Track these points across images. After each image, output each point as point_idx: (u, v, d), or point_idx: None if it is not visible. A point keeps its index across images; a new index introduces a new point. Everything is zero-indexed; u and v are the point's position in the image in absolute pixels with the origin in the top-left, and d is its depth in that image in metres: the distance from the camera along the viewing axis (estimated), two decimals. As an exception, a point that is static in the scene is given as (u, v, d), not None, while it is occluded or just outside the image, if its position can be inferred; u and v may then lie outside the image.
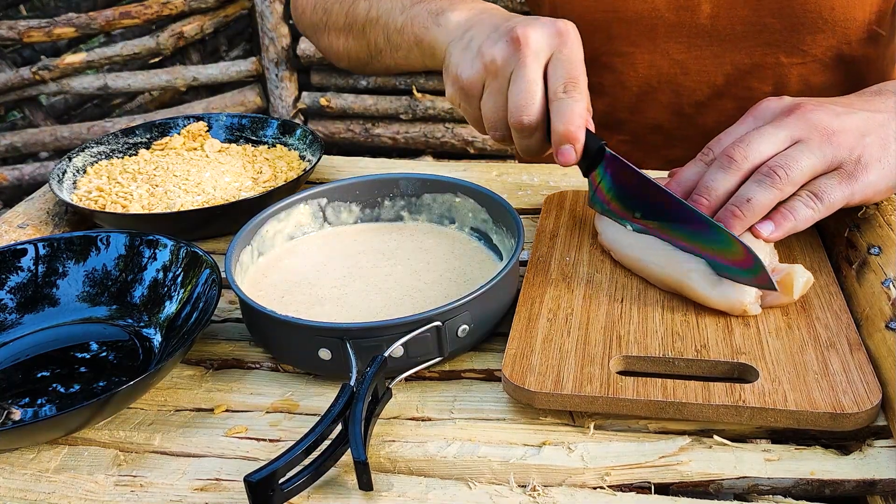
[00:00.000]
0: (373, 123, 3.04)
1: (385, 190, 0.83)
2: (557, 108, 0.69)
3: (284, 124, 1.05)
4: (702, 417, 0.58)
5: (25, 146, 3.08)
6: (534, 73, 0.70)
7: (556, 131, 0.69)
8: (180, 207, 0.87)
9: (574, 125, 0.68)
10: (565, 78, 0.69)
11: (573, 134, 0.68)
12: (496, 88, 0.72)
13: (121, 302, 0.75)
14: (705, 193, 0.69)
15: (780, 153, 0.68)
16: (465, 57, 0.73)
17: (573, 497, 0.54)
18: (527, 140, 0.72)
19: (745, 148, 0.68)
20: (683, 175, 0.73)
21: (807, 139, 0.68)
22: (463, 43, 0.74)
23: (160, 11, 2.89)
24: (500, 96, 0.72)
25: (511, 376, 0.61)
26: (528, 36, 0.69)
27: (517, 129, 0.71)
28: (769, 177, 0.67)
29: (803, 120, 0.69)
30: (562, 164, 0.70)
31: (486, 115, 0.74)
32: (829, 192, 0.68)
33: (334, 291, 0.73)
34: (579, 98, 0.69)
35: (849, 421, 0.56)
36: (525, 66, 0.69)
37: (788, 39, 0.94)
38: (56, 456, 0.61)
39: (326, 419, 0.55)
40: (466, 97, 0.75)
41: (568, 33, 0.71)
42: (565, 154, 0.69)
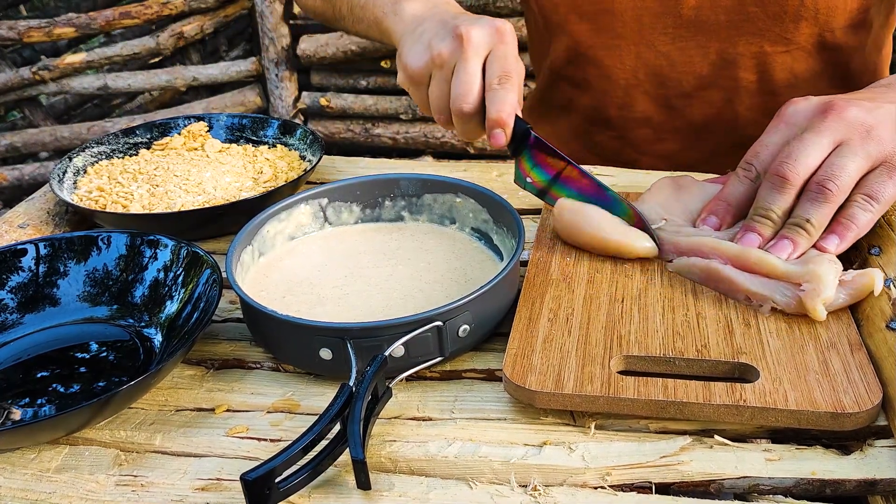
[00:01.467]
0: (373, 123, 3.04)
1: (386, 190, 0.83)
2: (491, 97, 0.77)
3: (285, 124, 1.05)
4: (703, 417, 0.58)
5: (25, 146, 3.08)
6: (473, 67, 0.78)
7: (490, 117, 0.77)
8: (181, 207, 0.87)
9: (505, 112, 0.76)
10: (500, 72, 0.77)
11: (504, 120, 0.76)
12: (441, 78, 0.80)
13: (122, 302, 0.75)
14: (765, 215, 0.70)
15: (826, 162, 0.68)
16: (415, 49, 0.82)
17: (574, 497, 0.54)
18: (466, 124, 0.80)
19: (795, 164, 0.69)
20: (728, 193, 0.74)
21: (847, 140, 0.68)
22: (415, 36, 0.83)
23: (160, 11, 2.89)
24: (445, 85, 0.80)
25: (512, 376, 0.61)
26: (469, 34, 0.77)
27: (458, 115, 0.79)
28: (821, 193, 0.68)
29: (840, 120, 0.69)
30: (493, 145, 0.78)
31: (432, 101, 0.82)
32: (882, 190, 0.68)
33: (335, 291, 0.73)
34: (511, 89, 0.77)
35: (849, 420, 0.56)
36: (466, 60, 0.78)
37: (772, 28, 0.95)
38: (57, 456, 0.61)
39: (324, 418, 0.55)
40: (415, 84, 0.83)
41: (505, 32, 0.79)
42: (497, 137, 0.77)
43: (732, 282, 0.68)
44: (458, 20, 0.80)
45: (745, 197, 0.73)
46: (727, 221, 0.74)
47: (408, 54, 0.82)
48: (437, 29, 0.81)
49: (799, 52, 0.97)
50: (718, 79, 1.00)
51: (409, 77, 0.83)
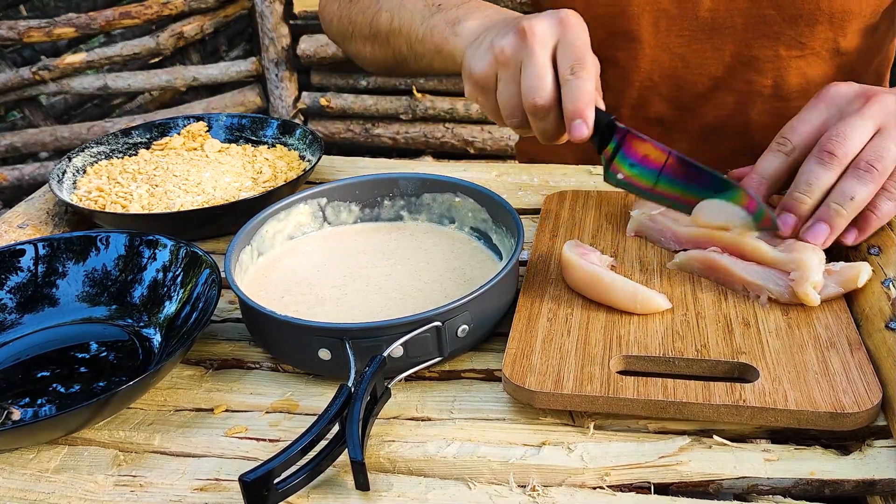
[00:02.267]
0: (373, 123, 3.04)
1: (385, 190, 0.83)
2: (567, 89, 0.72)
3: (284, 124, 1.05)
4: (702, 417, 0.58)
5: (25, 146, 3.09)
6: (542, 59, 0.73)
7: (567, 109, 0.72)
8: (180, 207, 0.87)
9: (583, 102, 0.71)
10: (572, 61, 0.73)
11: (582, 110, 0.71)
12: (509, 77, 0.75)
13: (120, 302, 0.75)
14: (807, 191, 0.71)
15: (871, 144, 0.70)
16: (477, 54, 0.78)
17: (573, 497, 0.54)
18: (542, 122, 0.75)
19: (844, 142, 0.70)
20: (762, 167, 0.75)
21: (886, 126, 0.70)
22: (476, 44, 0.79)
23: (160, 11, 2.89)
24: (514, 84, 0.75)
25: (511, 376, 0.61)
26: (533, 27, 0.73)
27: (532, 111, 0.74)
28: (869, 172, 0.68)
29: (881, 106, 0.71)
30: (575, 139, 0.72)
31: (503, 103, 0.77)
32: None
33: (334, 291, 0.73)
34: (587, 77, 0.72)
35: (849, 420, 0.56)
36: (533, 53, 0.73)
37: (787, 31, 0.95)
38: (56, 456, 0.61)
39: (323, 419, 0.55)
40: (482, 90, 0.78)
41: (570, 20, 0.75)
42: (577, 129, 0.72)
43: (729, 271, 0.69)
44: (518, 18, 0.77)
45: (779, 171, 0.74)
46: (761, 194, 0.74)
47: (470, 61, 0.78)
48: (499, 29, 0.77)
49: (813, 56, 0.97)
50: (733, 81, 1.00)
51: (475, 83, 0.78)
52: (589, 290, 0.69)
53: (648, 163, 0.74)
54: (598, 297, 0.68)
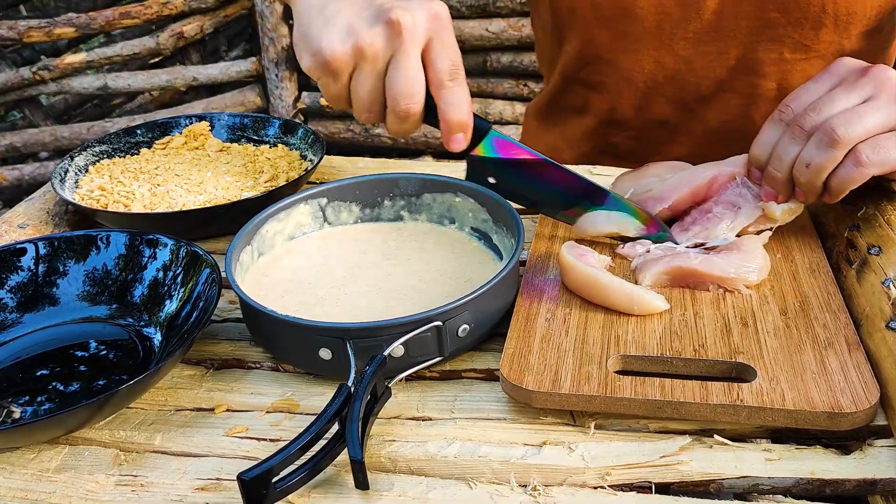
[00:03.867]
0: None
1: (385, 190, 0.83)
2: (446, 96, 0.69)
3: (286, 124, 1.05)
4: (700, 417, 0.58)
5: (25, 146, 3.08)
6: (416, 61, 0.69)
7: (450, 120, 0.70)
8: (182, 207, 0.87)
9: (465, 114, 0.70)
10: (449, 64, 0.69)
11: (465, 122, 0.70)
12: (372, 72, 0.70)
13: (121, 301, 0.76)
14: (776, 165, 0.72)
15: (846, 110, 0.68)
16: (330, 31, 0.69)
17: (574, 497, 0.54)
18: (405, 125, 0.72)
19: (816, 115, 0.69)
20: (764, 138, 0.75)
21: (876, 97, 0.69)
22: (325, 15, 0.70)
23: (160, 11, 2.89)
24: (376, 81, 0.70)
25: (509, 375, 0.61)
26: (406, 21, 0.67)
27: (401, 116, 0.70)
28: (829, 137, 0.67)
29: (875, 79, 0.70)
30: (453, 150, 0.71)
31: (358, 97, 0.71)
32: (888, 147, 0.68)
33: (335, 291, 0.73)
34: (463, 84, 0.70)
35: (846, 421, 0.56)
36: (406, 52, 0.68)
37: (792, 35, 0.95)
38: (56, 456, 0.61)
39: (322, 418, 0.55)
40: (332, 74, 0.71)
41: (443, 16, 0.70)
42: (458, 142, 0.71)
43: (699, 273, 0.69)
44: (382, 2, 0.70)
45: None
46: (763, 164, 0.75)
47: (320, 37, 0.69)
48: (358, 10, 0.69)
49: (818, 59, 0.97)
50: (737, 84, 1.00)
51: (325, 65, 0.69)
52: (586, 292, 0.69)
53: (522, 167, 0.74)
54: (596, 298, 0.68)
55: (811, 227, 0.79)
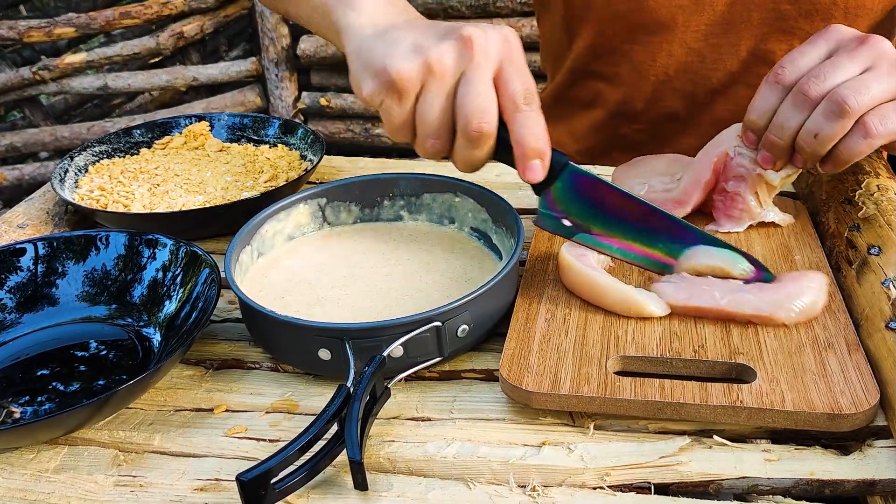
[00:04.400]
0: (373, 123, 3.04)
1: (385, 190, 0.83)
2: (522, 121, 0.64)
3: (286, 124, 1.05)
4: (699, 418, 0.58)
5: (25, 146, 3.09)
6: (489, 78, 0.64)
7: (525, 145, 0.65)
8: (182, 207, 0.87)
9: (542, 140, 0.65)
10: (523, 88, 0.64)
11: (542, 149, 0.65)
12: (441, 90, 0.64)
13: (120, 301, 0.75)
14: (779, 133, 0.71)
15: (853, 79, 0.68)
16: (394, 51, 0.64)
17: (573, 497, 0.54)
18: (477, 151, 0.66)
19: (821, 83, 0.68)
20: (759, 103, 0.73)
21: (876, 66, 0.68)
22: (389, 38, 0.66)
23: (160, 11, 2.90)
24: (446, 100, 0.64)
25: (508, 376, 0.61)
26: (478, 38, 0.63)
27: (472, 137, 0.64)
28: (839, 106, 0.66)
29: (875, 49, 0.69)
30: (528, 180, 0.66)
31: (425, 119, 0.65)
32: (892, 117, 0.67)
33: (334, 291, 0.73)
34: (538, 110, 0.65)
35: (846, 422, 0.56)
36: (479, 67, 0.63)
37: (803, 26, 0.96)
38: (56, 456, 0.61)
39: (321, 419, 0.55)
40: (398, 95, 0.65)
41: (513, 42, 0.66)
42: (535, 170, 0.65)
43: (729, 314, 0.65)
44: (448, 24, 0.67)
45: (775, 105, 0.72)
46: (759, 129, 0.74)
47: (384, 57, 0.64)
48: (424, 31, 0.66)
49: None
50: (747, 76, 1.01)
51: (389, 85, 0.64)
52: (585, 293, 0.69)
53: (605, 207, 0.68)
54: (594, 299, 0.68)
55: (811, 226, 0.79)
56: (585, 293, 0.68)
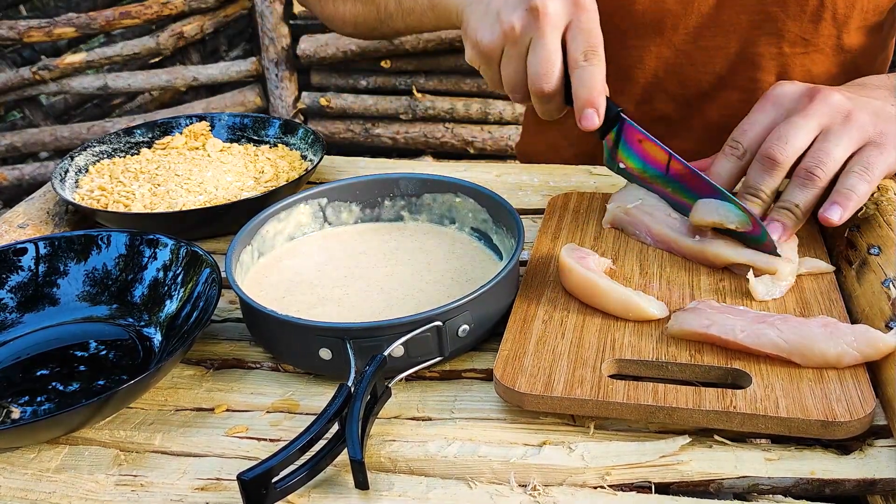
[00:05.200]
0: (373, 123, 3.04)
1: (385, 190, 0.83)
2: (579, 75, 0.73)
3: (286, 124, 1.05)
4: (692, 423, 0.58)
5: (25, 146, 3.08)
6: (552, 43, 0.73)
7: (580, 97, 0.73)
8: (182, 207, 0.87)
9: (596, 91, 0.72)
10: (585, 46, 0.73)
11: (595, 100, 0.72)
12: (515, 55, 0.75)
13: (121, 301, 0.76)
14: (755, 195, 0.73)
15: (813, 147, 0.72)
16: (484, 22, 0.76)
17: (574, 497, 0.54)
18: (546, 105, 0.77)
19: (785, 146, 0.72)
20: (716, 171, 0.76)
21: (830, 125, 0.72)
22: (482, 7, 0.77)
23: (160, 11, 2.89)
24: (520, 62, 0.75)
25: (502, 377, 0.60)
26: (546, 6, 0.72)
27: (537, 95, 0.75)
28: (809, 179, 0.71)
29: (825, 104, 0.72)
30: (584, 127, 0.73)
31: (506, 78, 0.77)
32: (876, 162, 0.71)
33: (336, 291, 0.73)
34: (599, 64, 0.73)
35: (840, 429, 0.55)
36: (544, 35, 0.72)
37: (791, 28, 0.96)
38: (56, 456, 0.61)
39: (322, 418, 0.55)
40: (486, 61, 0.78)
41: (583, 3, 0.74)
42: (589, 118, 0.73)
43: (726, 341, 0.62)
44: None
45: (733, 174, 0.76)
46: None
47: (475, 29, 0.77)
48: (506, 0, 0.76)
49: (817, 54, 0.98)
50: (737, 79, 1.01)
51: (480, 53, 0.78)
52: (584, 296, 0.69)
53: (650, 160, 0.77)
54: (593, 302, 0.68)
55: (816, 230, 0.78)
56: (584, 296, 0.68)
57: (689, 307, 0.66)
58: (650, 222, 0.77)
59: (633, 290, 0.67)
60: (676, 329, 0.64)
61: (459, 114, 2.94)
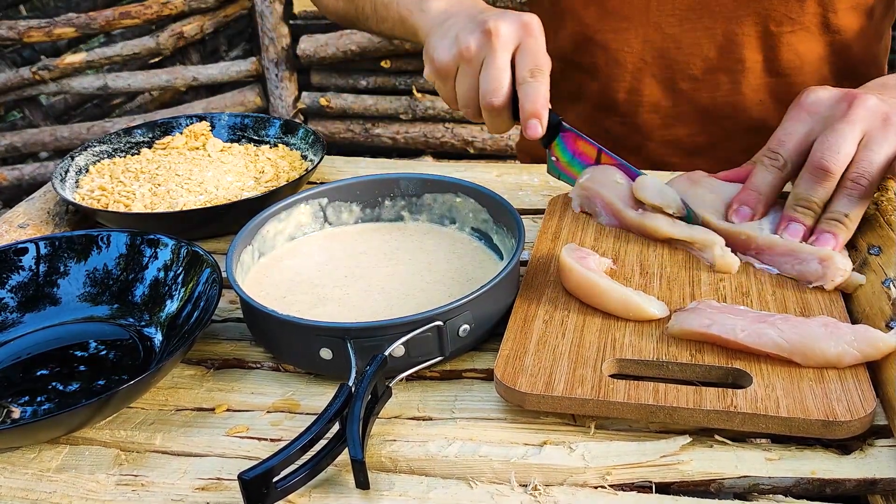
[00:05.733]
0: (373, 123, 3.04)
1: (386, 190, 0.83)
2: (525, 90, 0.78)
3: (287, 124, 1.05)
4: (693, 422, 0.58)
5: (25, 146, 3.08)
6: (502, 62, 0.79)
7: (525, 109, 0.78)
8: (183, 207, 0.87)
9: (539, 104, 0.78)
10: (532, 65, 0.79)
11: (539, 111, 0.78)
12: (468, 72, 0.81)
13: (122, 301, 0.76)
14: (808, 205, 0.73)
15: (857, 157, 0.71)
16: (442, 43, 0.83)
17: (574, 496, 0.54)
18: (496, 119, 0.82)
19: (837, 156, 0.71)
20: (757, 183, 0.76)
21: (871, 130, 0.71)
22: (443, 30, 0.84)
23: (160, 11, 2.89)
24: (472, 79, 0.81)
25: (503, 377, 0.60)
26: (498, 28, 0.79)
27: (487, 109, 0.80)
28: (856, 189, 0.71)
29: (865, 110, 0.72)
30: (529, 136, 0.79)
31: (459, 94, 0.83)
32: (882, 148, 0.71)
33: (335, 291, 0.73)
34: (543, 81, 0.79)
35: (841, 429, 0.55)
36: (495, 54, 0.79)
37: (777, 7, 0.97)
38: (57, 455, 0.61)
39: (323, 418, 0.55)
40: (441, 77, 0.84)
41: (532, 26, 0.80)
42: (532, 128, 0.78)
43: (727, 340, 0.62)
44: (485, 15, 0.82)
45: (775, 186, 0.76)
46: (759, 211, 0.75)
47: (435, 48, 0.83)
48: (465, 23, 0.82)
49: (803, 32, 0.99)
50: (725, 61, 1.01)
51: (436, 70, 0.84)
52: (583, 295, 0.69)
53: (583, 157, 0.84)
54: (593, 302, 0.68)
55: None
56: (585, 296, 0.68)
57: (690, 307, 0.66)
58: (603, 191, 0.80)
59: (633, 290, 0.67)
60: (677, 329, 0.64)
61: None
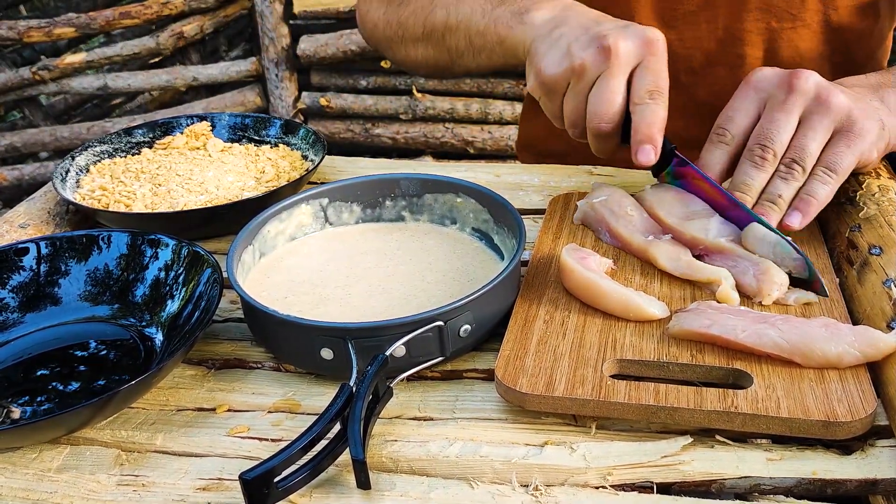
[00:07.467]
0: (373, 123, 3.04)
1: (386, 190, 0.83)
2: (642, 111, 0.74)
3: (287, 124, 1.05)
4: (693, 423, 0.58)
5: (25, 146, 3.08)
6: (617, 84, 0.74)
7: (639, 132, 0.74)
8: (183, 207, 0.87)
9: (656, 127, 0.74)
10: (651, 85, 0.74)
11: (654, 136, 0.73)
12: (579, 91, 0.76)
13: (123, 301, 0.76)
14: (746, 191, 0.74)
15: (794, 141, 0.74)
16: (552, 54, 0.77)
17: (575, 497, 0.54)
18: (602, 143, 0.77)
19: (773, 142, 0.73)
20: (708, 161, 0.77)
21: (808, 115, 0.73)
22: (550, 40, 0.78)
23: (160, 11, 2.89)
24: (581, 99, 0.76)
25: (504, 378, 0.60)
26: (618, 46, 0.73)
27: (594, 132, 0.76)
28: (791, 171, 0.73)
29: (802, 95, 0.74)
30: (640, 162, 0.74)
31: (567, 113, 0.79)
32: (841, 161, 0.73)
33: (336, 291, 0.73)
34: (662, 104, 0.74)
35: (842, 430, 0.55)
36: (611, 75, 0.74)
37: (779, 3, 0.97)
38: (58, 455, 0.61)
39: (324, 418, 0.55)
40: (549, 92, 0.79)
41: (656, 43, 0.75)
42: (645, 154, 0.74)
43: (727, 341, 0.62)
44: (602, 27, 0.76)
45: (724, 162, 0.77)
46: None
47: (542, 59, 0.77)
48: (578, 34, 0.76)
49: (804, 29, 0.99)
50: (726, 56, 1.01)
51: (543, 84, 0.78)
52: (585, 296, 0.69)
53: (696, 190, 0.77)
54: (594, 303, 0.68)
55: (818, 230, 0.78)
56: (585, 296, 0.68)
57: (690, 307, 0.66)
58: (610, 218, 0.78)
59: (633, 291, 0.67)
60: (677, 329, 0.64)
61: (459, 114, 2.94)
